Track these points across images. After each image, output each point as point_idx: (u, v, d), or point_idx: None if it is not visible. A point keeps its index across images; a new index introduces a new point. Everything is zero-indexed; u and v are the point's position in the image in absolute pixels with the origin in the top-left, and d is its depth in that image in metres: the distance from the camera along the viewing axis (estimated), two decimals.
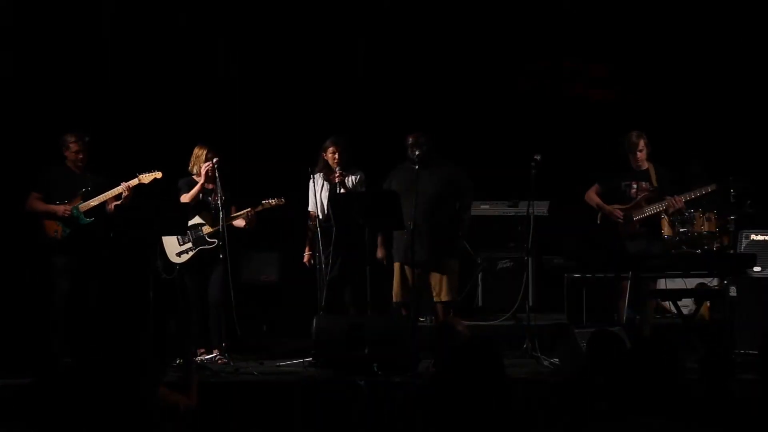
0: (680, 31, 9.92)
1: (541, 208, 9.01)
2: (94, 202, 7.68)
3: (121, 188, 7.61)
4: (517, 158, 7.95)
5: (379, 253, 7.67)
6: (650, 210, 7.70)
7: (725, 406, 4.28)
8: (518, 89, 10.33)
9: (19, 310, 8.38)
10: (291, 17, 9.90)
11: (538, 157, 7.53)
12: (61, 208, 7.65)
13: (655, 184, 7.75)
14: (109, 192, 7.66)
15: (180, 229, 7.42)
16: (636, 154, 7.76)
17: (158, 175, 7.71)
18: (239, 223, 7.69)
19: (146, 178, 7.68)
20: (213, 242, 7.55)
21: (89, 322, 4.93)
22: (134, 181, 7.65)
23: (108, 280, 7.96)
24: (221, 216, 7.48)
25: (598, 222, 7.88)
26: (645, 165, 7.83)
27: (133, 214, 7.16)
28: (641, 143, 7.77)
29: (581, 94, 10.46)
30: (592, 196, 7.96)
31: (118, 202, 7.60)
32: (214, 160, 7.56)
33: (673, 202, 7.59)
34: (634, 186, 7.82)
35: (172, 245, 7.68)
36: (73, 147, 7.76)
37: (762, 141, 9.64)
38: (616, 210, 7.77)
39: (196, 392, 5.11)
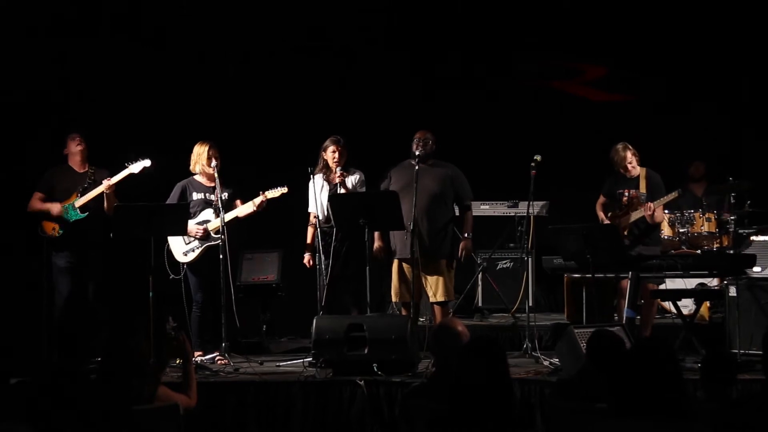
0: (680, 30, 9.92)
1: (541, 207, 9.02)
2: (88, 196, 7.69)
3: (104, 186, 7.63)
4: (517, 158, 7.96)
5: (376, 245, 7.61)
6: (634, 216, 7.69)
7: (726, 407, 4.28)
8: (518, 89, 10.33)
9: (19, 310, 8.40)
10: (294, 16, 9.92)
11: (538, 157, 7.53)
12: (55, 208, 7.66)
13: (643, 190, 7.75)
14: (102, 185, 7.66)
15: (180, 230, 7.42)
16: (626, 167, 7.77)
17: (147, 163, 7.71)
18: (246, 210, 7.66)
19: (136, 167, 7.69)
20: (218, 238, 7.55)
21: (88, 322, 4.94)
22: (124, 173, 7.66)
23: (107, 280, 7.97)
24: (221, 215, 7.48)
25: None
26: (637, 171, 7.83)
27: (132, 215, 7.14)
28: (628, 155, 7.76)
29: (581, 96, 10.47)
30: (597, 208, 7.99)
31: (109, 193, 7.61)
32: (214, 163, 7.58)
33: (646, 209, 7.59)
34: (626, 194, 7.82)
35: (178, 244, 7.69)
36: (73, 142, 7.80)
37: (762, 141, 9.64)
38: (606, 222, 7.80)
39: (196, 392, 5.11)
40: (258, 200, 7.63)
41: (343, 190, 7.65)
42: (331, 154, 7.73)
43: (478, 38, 10.12)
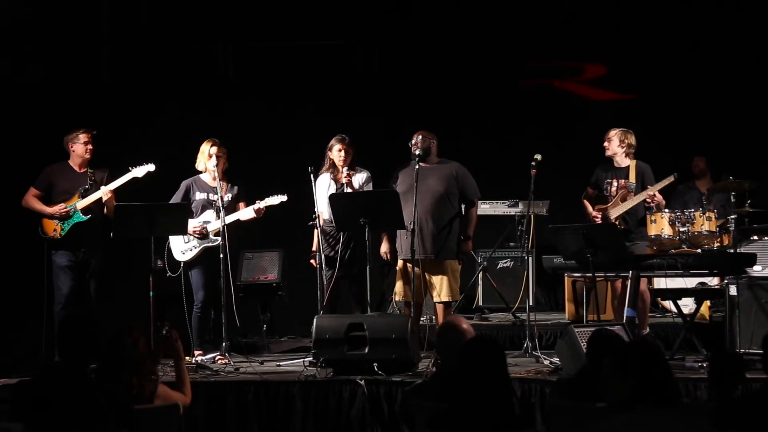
0: (681, 30, 9.92)
1: (541, 207, 9.02)
2: (89, 199, 7.68)
3: (102, 192, 7.63)
4: (518, 157, 7.95)
5: (383, 248, 7.62)
6: (622, 208, 7.66)
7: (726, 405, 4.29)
8: (518, 89, 10.33)
9: (19, 310, 8.40)
10: (298, 16, 9.93)
11: (538, 157, 7.52)
12: (56, 209, 7.65)
13: (632, 180, 7.74)
14: (100, 191, 7.64)
15: (180, 230, 7.43)
16: (604, 143, 7.76)
17: (151, 167, 7.70)
18: (247, 215, 7.67)
19: (140, 171, 7.68)
20: (217, 240, 7.55)
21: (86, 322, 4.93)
22: (127, 177, 7.66)
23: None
24: (222, 215, 7.48)
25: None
26: (626, 162, 7.81)
27: (132, 215, 7.14)
28: (611, 133, 7.76)
29: (581, 94, 10.47)
30: (583, 200, 7.97)
31: (109, 197, 7.61)
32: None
33: (647, 194, 7.59)
34: (615, 183, 7.80)
35: (177, 243, 7.70)
36: (83, 137, 7.77)
37: (762, 140, 9.64)
38: (593, 215, 7.77)
39: (190, 389, 5.12)
40: (256, 207, 7.63)
41: (350, 189, 7.64)
42: (337, 153, 7.72)
43: (478, 38, 10.12)
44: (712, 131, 9.80)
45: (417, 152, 7.46)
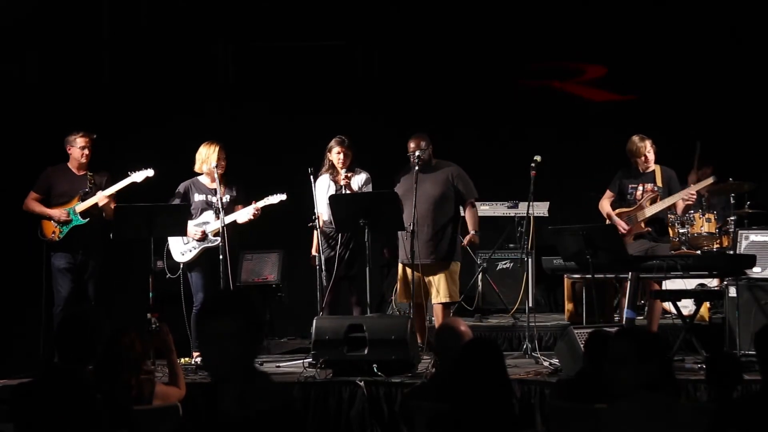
0: (682, 30, 9.92)
1: (541, 208, 9.02)
2: (88, 203, 7.67)
3: (97, 198, 7.62)
4: (517, 159, 7.95)
5: (386, 253, 7.66)
6: (654, 210, 7.67)
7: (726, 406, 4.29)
8: (519, 89, 10.33)
9: (19, 312, 8.40)
10: (298, 17, 9.93)
11: (538, 158, 7.52)
12: (56, 213, 7.64)
13: (659, 184, 7.74)
14: (97, 195, 7.64)
15: (180, 231, 7.43)
16: (643, 156, 7.71)
17: (150, 173, 7.70)
18: (243, 217, 7.67)
19: (139, 176, 7.68)
20: (216, 240, 7.55)
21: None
22: (125, 182, 7.65)
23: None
24: (221, 216, 7.48)
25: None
26: (651, 167, 7.81)
27: (132, 216, 7.14)
28: (647, 145, 7.71)
29: (581, 95, 10.47)
30: (604, 205, 7.94)
31: (106, 202, 7.61)
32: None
33: (687, 193, 7.58)
34: (640, 188, 7.79)
35: (176, 244, 7.69)
36: (81, 142, 7.74)
37: (761, 141, 9.63)
38: (621, 223, 7.75)
39: (184, 382, 5.14)
40: (252, 208, 7.62)
41: (349, 191, 7.64)
42: (336, 155, 7.72)
43: (478, 38, 10.12)
44: (712, 132, 9.78)
45: (417, 157, 7.45)
